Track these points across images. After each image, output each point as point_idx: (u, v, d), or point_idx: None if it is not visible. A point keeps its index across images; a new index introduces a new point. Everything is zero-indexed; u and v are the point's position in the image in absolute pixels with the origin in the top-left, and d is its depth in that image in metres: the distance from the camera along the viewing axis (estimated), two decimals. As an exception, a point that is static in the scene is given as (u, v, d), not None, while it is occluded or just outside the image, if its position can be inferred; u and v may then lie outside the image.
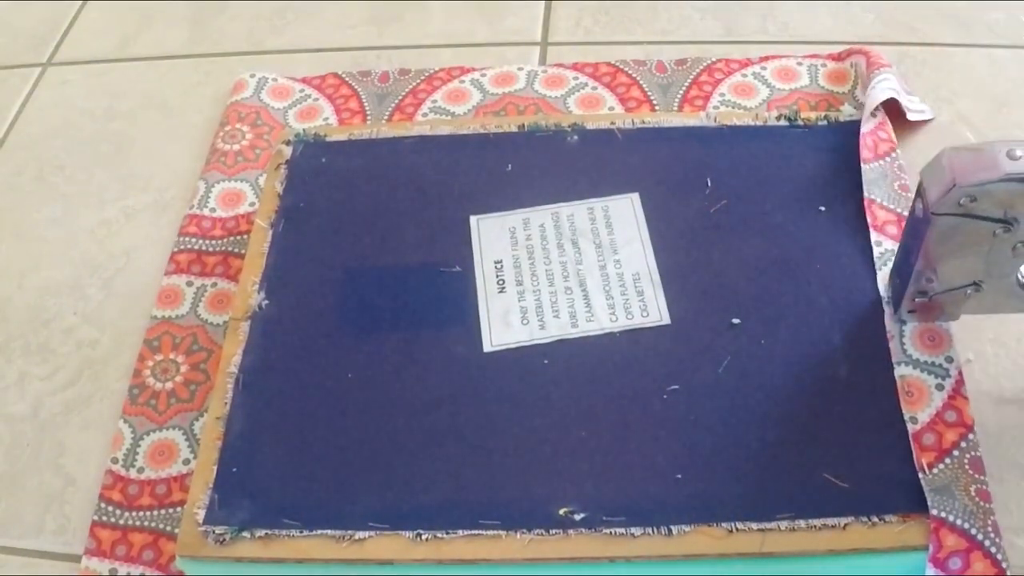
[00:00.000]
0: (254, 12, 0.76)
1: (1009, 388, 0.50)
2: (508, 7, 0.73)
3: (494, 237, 0.54)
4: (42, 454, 0.52)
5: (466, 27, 0.72)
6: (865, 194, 0.53)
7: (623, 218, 0.54)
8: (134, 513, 0.49)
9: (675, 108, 0.63)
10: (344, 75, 0.68)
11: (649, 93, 0.64)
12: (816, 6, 0.70)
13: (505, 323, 0.50)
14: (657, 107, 0.63)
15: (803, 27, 0.69)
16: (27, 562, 0.49)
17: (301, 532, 0.44)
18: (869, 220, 0.52)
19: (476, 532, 0.43)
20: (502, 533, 0.43)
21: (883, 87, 0.58)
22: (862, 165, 0.54)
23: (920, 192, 0.43)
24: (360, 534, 0.43)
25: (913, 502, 0.42)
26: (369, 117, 0.65)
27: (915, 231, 0.44)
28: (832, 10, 0.70)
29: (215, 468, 0.46)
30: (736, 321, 0.49)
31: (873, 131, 0.56)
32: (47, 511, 0.50)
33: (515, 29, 0.71)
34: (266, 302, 0.52)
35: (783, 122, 0.57)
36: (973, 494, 0.43)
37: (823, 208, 0.53)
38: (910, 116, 0.60)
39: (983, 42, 0.66)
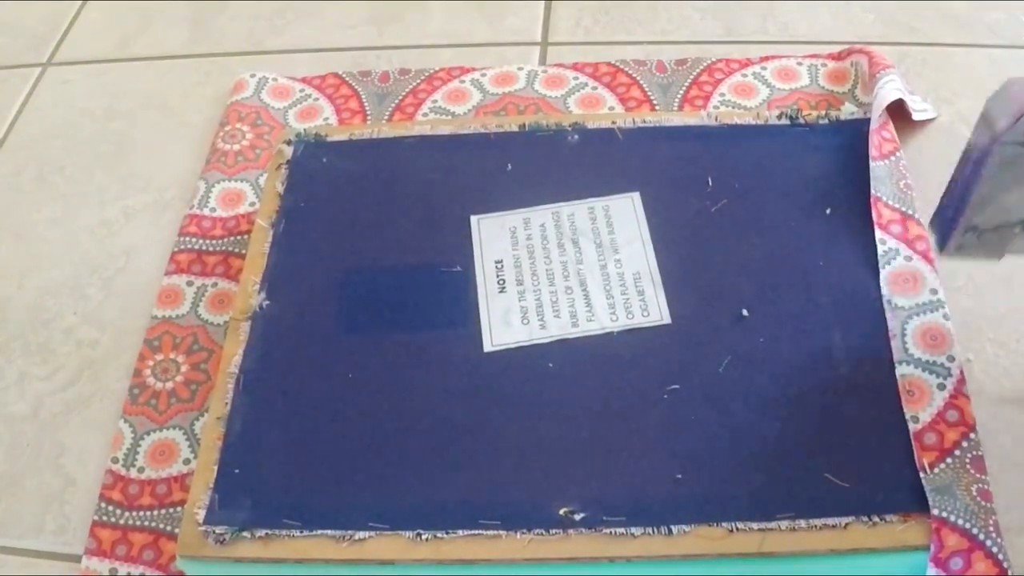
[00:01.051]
0: (254, 12, 0.76)
1: (1009, 388, 0.49)
2: (508, 7, 0.73)
3: (494, 237, 0.54)
4: (42, 454, 0.52)
5: (466, 27, 0.72)
6: (872, 191, 0.52)
7: (624, 217, 0.54)
8: (134, 513, 0.49)
9: (675, 108, 0.63)
10: (344, 75, 0.68)
11: (649, 93, 0.64)
12: (816, 6, 0.70)
13: (505, 323, 0.50)
14: (657, 107, 0.63)
15: (803, 27, 0.69)
16: (27, 562, 0.49)
17: (301, 532, 0.44)
18: (875, 217, 0.51)
19: (476, 532, 0.43)
20: (502, 533, 0.43)
21: (890, 87, 0.58)
22: (872, 163, 0.54)
23: (984, 120, 0.42)
24: (360, 534, 0.43)
25: (914, 502, 0.42)
26: (369, 117, 0.65)
27: (973, 164, 0.44)
28: (832, 10, 0.70)
29: (215, 468, 0.46)
30: (745, 313, 0.49)
31: (877, 131, 0.56)
32: (47, 511, 0.50)
33: (515, 29, 0.71)
34: (267, 302, 0.52)
35: (784, 121, 0.57)
36: (975, 494, 0.43)
37: (825, 207, 0.53)
38: (915, 116, 0.60)
39: (983, 42, 0.66)
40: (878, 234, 0.51)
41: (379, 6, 0.75)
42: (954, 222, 0.46)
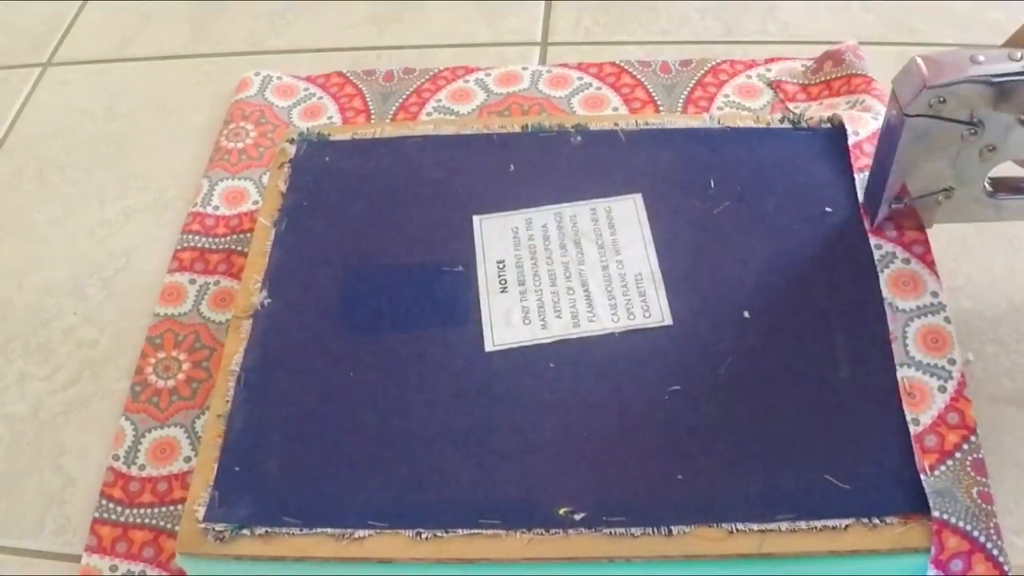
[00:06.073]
0: (254, 12, 0.76)
1: (1009, 388, 0.50)
2: (508, 7, 0.73)
3: (497, 237, 0.54)
4: (42, 454, 0.52)
5: (466, 27, 0.72)
6: (861, 200, 0.53)
7: (626, 219, 0.54)
8: (135, 510, 0.49)
9: (679, 109, 0.63)
10: (349, 74, 0.68)
11: (654, 94, 0.64)
12: (816, 6, 0.70)
13: (507, 323, 0.50)
14: (661, 108, 0.63)
15: (803, 27, 0.69)
16: (27, 562, 0.49)
17: (301, 530, 0.44)
18: (866, 225, 0.52)
19: (476, 531, 0.43)
20: (502, 532, 0.43)
21: (868, 117, 0.58)
22: (857, 174, 0.54)
23: (893, 97, 0.46)
24: (360, 532, 0.43)
25: (914, 504, 0.42)
26: (373, 116, 0.65)
27: (889, 137, 0.47)
28: (832, 10, 0.70)
29: (216, 466, 0.46)
30: (747, 315, 0.49)
31: (870, 139, 0.56)
32: (47, 511, 0.50)
33: (515, 29, 0.72)
34: (268, 300, 0.52)
35: (786, 124, 0.57)
36: (975, 496, 0.43)
37: (827, 210, 0.53)
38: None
39: (983, 42, 0.66)
40: (872, 240, 0.51)
41: (379, 6, 0.75)
42: (879, 196, 0.50)
